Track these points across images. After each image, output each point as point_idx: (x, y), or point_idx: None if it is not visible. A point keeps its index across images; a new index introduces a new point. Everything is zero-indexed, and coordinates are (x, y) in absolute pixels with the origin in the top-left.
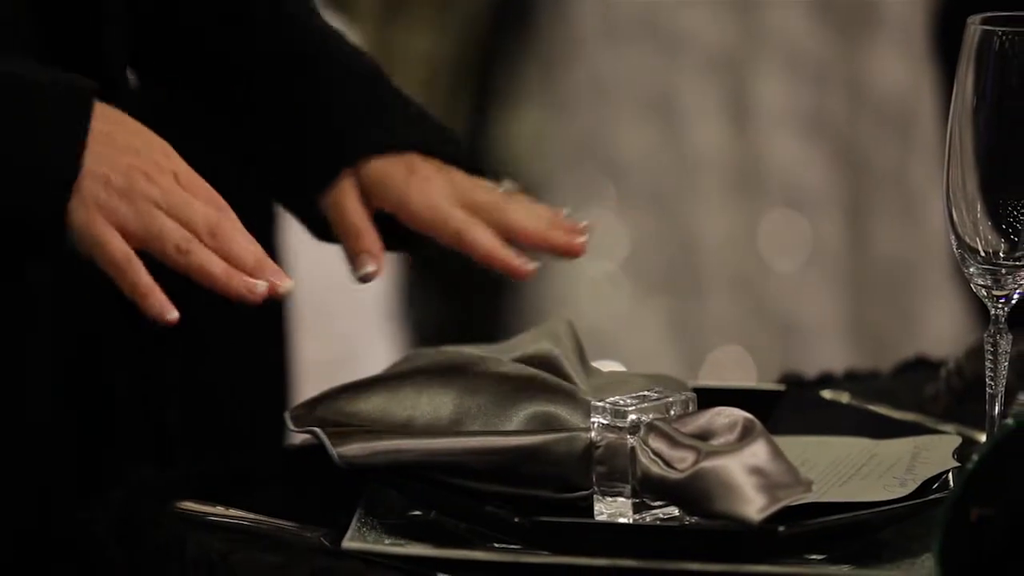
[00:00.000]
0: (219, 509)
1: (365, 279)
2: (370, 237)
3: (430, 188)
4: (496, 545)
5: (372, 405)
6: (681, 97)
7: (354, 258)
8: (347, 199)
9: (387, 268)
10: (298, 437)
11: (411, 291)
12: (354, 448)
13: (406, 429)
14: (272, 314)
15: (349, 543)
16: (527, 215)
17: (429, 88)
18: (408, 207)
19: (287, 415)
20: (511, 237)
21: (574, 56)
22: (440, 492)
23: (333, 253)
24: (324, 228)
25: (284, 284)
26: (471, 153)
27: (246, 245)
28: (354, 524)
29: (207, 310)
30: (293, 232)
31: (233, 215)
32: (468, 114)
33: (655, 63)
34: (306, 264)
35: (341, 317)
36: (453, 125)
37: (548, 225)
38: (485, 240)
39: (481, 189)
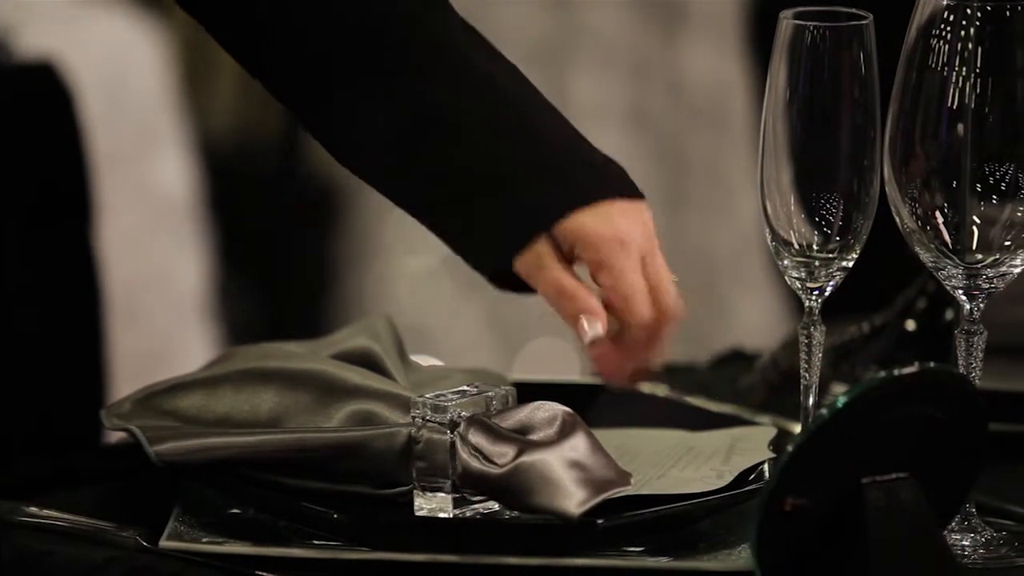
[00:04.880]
0: (34, 509)
1: (595, 342)
2: (581, 296)
3: (629, 257)
4: (315, 542)
5: (190, 403)
6: None
7: (574, 322)
8: (545, 261)
9: (201, 263)
10: (114, 435)
11: (227, 287)
12: (171, 446)
13: (224, 427)
14: (85, 310)
15: (166, 542)
16: (641, 327)
17: (245, 95)
18: (602, 275)
19: (103, 413)
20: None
21: None
22: (258, 489)
23: (147, 248)
24: (504, 279)
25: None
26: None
27: None
28: (171, 523)
29: (16, 306)
30: (107, 225)
31: None
32: (283, 120)
33: None
34: (120, 259)
35: (156, 313)
36: (268, 132)
37: (632, 352)
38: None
39: (664, 274)
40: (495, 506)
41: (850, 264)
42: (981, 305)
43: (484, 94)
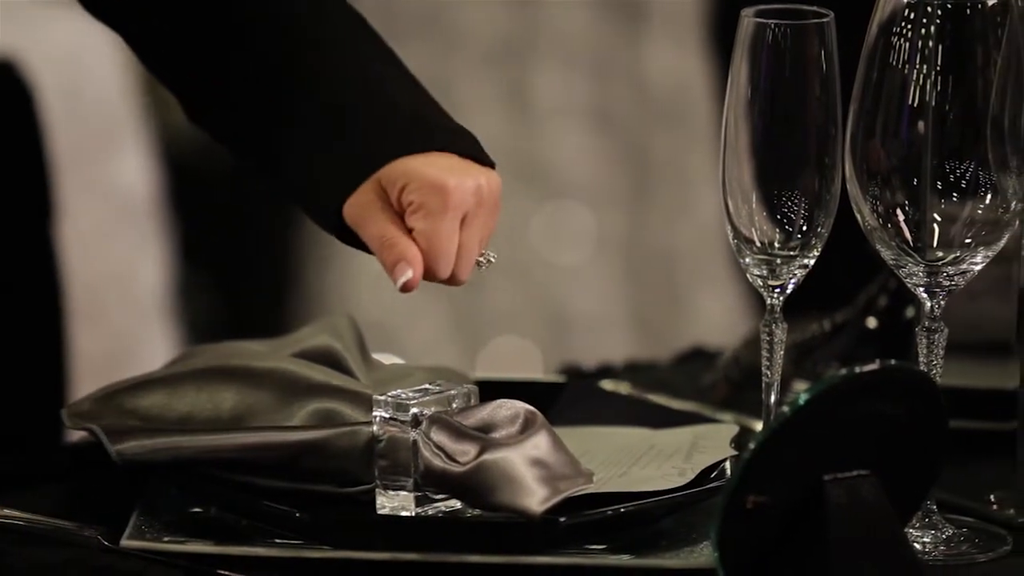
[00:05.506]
0: None
1: (405, 288)
2: (401, 244)
3: (447, 208)
4: (278, 541)
5: (151, 402)
6: (461, 91)
7: (390, 269)
8: (370, 211)
9: (162, 262)
10: (75, 434)
11: (188, 286)
12: (133, 445)
13: (186, 426)
14: (46, 309)
15: (128, 541)
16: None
17: None
18: (416, 217)
19: (63, 412)
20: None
21: None
22: (220, 488)
23: (108, 247)
24: (348, 233)
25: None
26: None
27: None
28: (133, 522)
29: None
30: (68, 223)
31: None
32: None
33: (435, 57)
34: (80, 257)
35: (117, 312)
36: None
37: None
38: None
39: (474, 243)
40: (457, 504)
41: (811, 262)
42: (942, 302)
43: (333, 44)
